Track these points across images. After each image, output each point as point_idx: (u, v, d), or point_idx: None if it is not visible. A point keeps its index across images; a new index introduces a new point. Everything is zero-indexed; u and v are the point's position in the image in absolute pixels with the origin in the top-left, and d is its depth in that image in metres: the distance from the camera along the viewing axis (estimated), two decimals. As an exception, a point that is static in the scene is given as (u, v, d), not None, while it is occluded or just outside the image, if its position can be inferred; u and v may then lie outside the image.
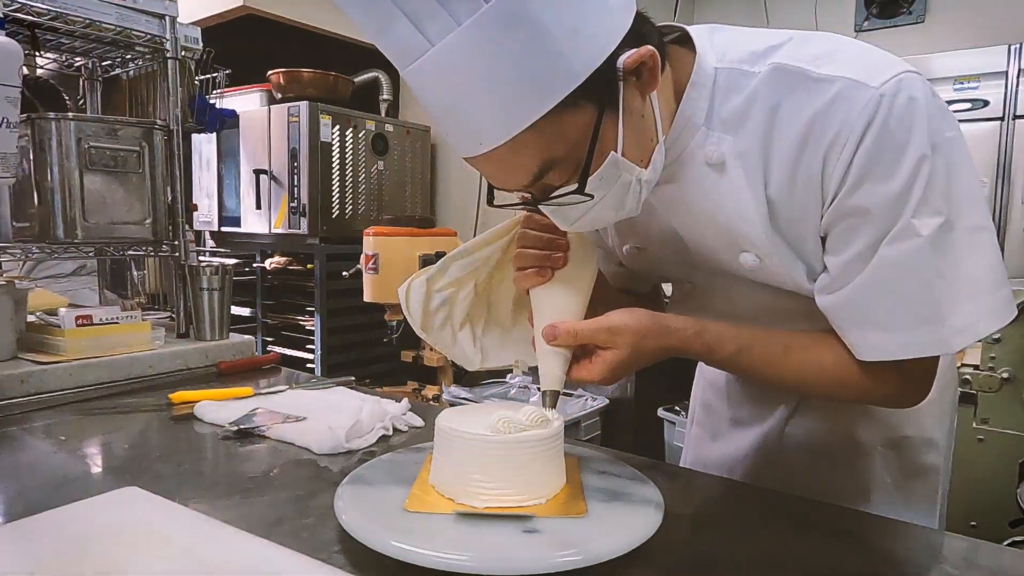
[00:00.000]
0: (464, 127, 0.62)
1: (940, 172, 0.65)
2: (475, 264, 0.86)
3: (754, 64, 0.70)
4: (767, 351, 0.76)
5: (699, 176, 0.74)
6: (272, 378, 1.39)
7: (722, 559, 0.68)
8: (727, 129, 0.72)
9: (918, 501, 0.90)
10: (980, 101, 2.82)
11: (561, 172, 0.65)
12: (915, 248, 0.66)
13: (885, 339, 0.69)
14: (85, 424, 1.08)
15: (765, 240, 0.72)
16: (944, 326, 0.67)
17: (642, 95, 0.66)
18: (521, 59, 0.57)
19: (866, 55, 0.69)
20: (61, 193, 1.35)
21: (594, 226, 0.74)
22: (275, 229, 3.19)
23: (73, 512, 0.69)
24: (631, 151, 0.66)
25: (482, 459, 0.68)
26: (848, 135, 0.65)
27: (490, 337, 0.92)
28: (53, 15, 1.34)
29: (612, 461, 0.82)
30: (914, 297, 0.67)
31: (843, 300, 0.71)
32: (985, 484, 1.94)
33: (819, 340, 0.75)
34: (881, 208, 0.66)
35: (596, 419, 2.69)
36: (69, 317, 1.30)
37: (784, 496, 0.84)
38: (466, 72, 0.58)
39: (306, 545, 0.65)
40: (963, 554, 0.71)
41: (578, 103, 0.60)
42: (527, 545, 0.61)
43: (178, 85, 1.50)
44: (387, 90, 3.64)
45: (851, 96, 0.65)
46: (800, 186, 0.69)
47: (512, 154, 0.62)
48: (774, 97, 0.69)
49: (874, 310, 0.69)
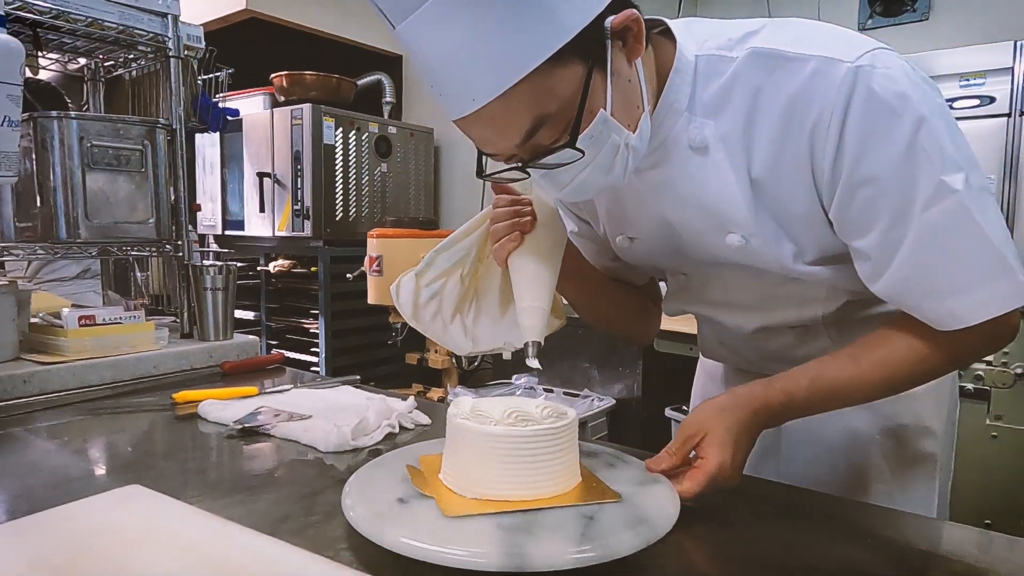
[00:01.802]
0: (458, 83, 0.63)
1: (942, 131, 0.65)
2: (459, 254, 0.90)
3: (732, 50, 0.72)
4: (840, 368, 0.74)
5: (684, 160, 0.75)
6: (277, 378, 1.37)
7: (736, 553, 0.66)
8: (708, 113, 0.73)
9: (915, 489, 0.90)
10: (986, 98, 2.80)
11: (552, 130, 0.66)
12: (956, 204, 0.65)
13: (963, 302, 0.67)
14: (88, 424, 1.07)
15: (750, 220, 0.73)
16: (1018, 275, 0.66)
17: (628, 60, 0.68)
18: (512, 13, 0.59)
19: (840, 35, 0.70)
20: (64, 192, 1.35)
21: (583, 193, 0.74)
22: (279, 232, 3.18)
23: (76, 510, 0.67)
24: (619, 113, 0.67)
25: (495, 453, 0.66)
26: (832, 110, 0.66)
27: (481, 327, 0.95)
28: (55, 13, 1.33)
29: (617, 455, 0.81)
30: (975, 253, 0.66)
31: (900, 278, 0.69)
32: (999, 482, 1.92)
33: (881, 335, 0.74)
34: (889, 172, 0.66)
35: (603, 419, 2.67)
36: (72, 317, 1.29)
37: (789, 489, 0.83)
38: (459, 26, 0.60)
39: (312, 543, 0.64)
40: (977, 545, 0.70)
41: (568, 59, 0.62)
42: (540, 541, 0.59)
43: (180, 84, 1.50)
44: (390, 92, 3.63)
45: (827, 72, 0.66)
46: (787, 165, 0.71)
47: (504, 110, 0.63)
48: (754, 80, 0.70)
49: (940, 276, 0.68)
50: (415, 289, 0.91)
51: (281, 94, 3.19)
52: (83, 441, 0.99)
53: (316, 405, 1.09)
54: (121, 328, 1.35)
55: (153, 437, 1.03)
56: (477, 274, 0.94)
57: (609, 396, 2.73)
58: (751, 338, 0.91)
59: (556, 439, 0.67)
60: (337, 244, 3.12)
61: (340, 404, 1.10)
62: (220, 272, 1.48)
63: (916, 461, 0.90)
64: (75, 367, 1.25)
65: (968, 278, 0.67)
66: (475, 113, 0.64)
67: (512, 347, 0.92)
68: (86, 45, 1.56)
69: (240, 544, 0.61)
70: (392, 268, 2.31)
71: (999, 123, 2.77)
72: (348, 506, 0.66)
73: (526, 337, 0.78)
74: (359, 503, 0.66)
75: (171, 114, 1.50)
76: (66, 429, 1.04)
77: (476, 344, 0.94)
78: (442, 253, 0.90)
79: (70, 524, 0.64)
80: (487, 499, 0.66)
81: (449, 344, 0.94)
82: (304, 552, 0.59)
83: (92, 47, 1.59)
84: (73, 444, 0.97)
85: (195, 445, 0.98)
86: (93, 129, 1.37)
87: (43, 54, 1.60)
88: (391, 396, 1.16)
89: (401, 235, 2.35)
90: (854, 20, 3.50)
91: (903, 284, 0.70)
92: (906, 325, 0.72)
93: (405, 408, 1.05)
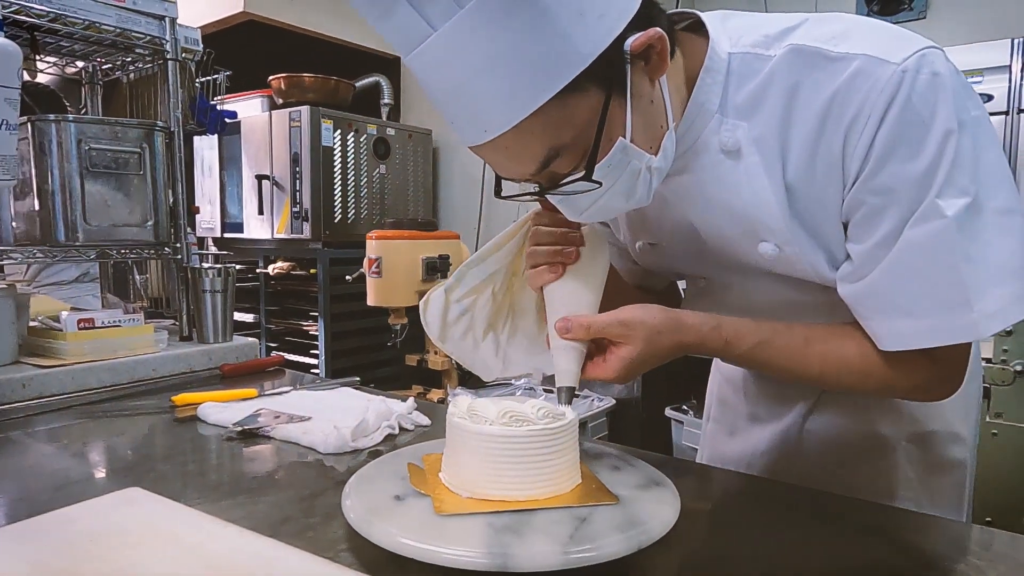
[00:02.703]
0: (469, 114, 0.61)
1: (966, 150, 0.62)
2: (490, 268, 0.85)
3: (769, 47, 0.68)
4: (787, 344, 0.73)
5: (714, 164, 0.72)
6: (276, 380, 1.37)
7: (743, 553, 0.66)
8: (742, 115, 0.70)
9: (944, 497, 0.87)
10: (984, 96, 2.80)
11: (568, 159, 0.63)
12: (940, 229, 0.63)
13: (911, 326, 0.66)
14: (87, 427, 1.07)
15: (784, 228, 0.70)
16: (973, 311, 0.64)
17: (651, 80, 0.65)
18: (525, 42, 0.56)
19: (885, 31, 0.67)
20: (62, 196, 1.35)
21: (604, 216, 0.72)
22: (278, 234, 3.18)
23: (76, 513, 0.67)
24: (640, 137, 0.65)
25: (489, 453, 0.66)
26: (870, 112, 0.63)
27: (515, 345, 0.89)
28: (52, 16, 1.33)
29: (623, 457, 0.80)
30: (940, 281, 0.64)
31: (866, 288, 0.68)
32: (1000, 479, 1.92)
33: (841, 332, 0.73)
34: (906, 188, 0.63)
35: (603, 419, 2.67)
36: (71, 320, 1.29)
37: (803, 490, 0.82)
38: (469, 56, 0.57)
39: (312, 544, 0.64)
40: (992, 546, 0.69)
41: (584, 87, 0.59)
42: (535, 541, 0.59)
43: (178, 86, 1.49)
44: (388, 94, 3.64)
45: (872, 72, 0.63)
46: (820, 168, 0.67)
47: (518, 141, 0.61)
48: (791, 78, 0.67)
49: (898, 296, 0.66)
50: (444, 305, 0.85)
51: (279, 96, 3.19)
52: (83, 444, 0.99)
53: (316, 407, 1.09)
54: (120, 331, 1.35)
55: (153, 440, 1.03)
56: (512, 289, 0.87)
57: (609, 396, 2.73)
58: None
59: (552, 440, 0.67)
60: (336, 246, 3.12)
61: (340, 406, 1.10)
62: (219, 274, 1.48)
63: (945, 468, 0.87)
64: (74, 370, 1.25)
65: (922, 303, 0.65)
66: (488, 143, 0.62)
67: (541, 373, 0.87)
68: (84, 48, 1.56)
69: (240, 546, 0.61)
70: (391, 269, 2.30)
71: (997, 121, 2.78)
72: (348, 507, 0.66)
73: (560, 382, 0.73)
74: (358, 502, 0.66)
75: (169, 117, 1.50)
76: (66, 432, 1.04)
77: (507, 366, 0.88)
78: (472, 268, 0.84)
79: (70, 527, 0.64)
80: (483, 499, 0.66)
81: (478, 366, 0.88)
82: (304, 554, 0.59)
83: (90, 50, 1.59)
84: (73, 447, 0.97)
85: (195, 448, 0.98)
86: (91, 132, 1.37)
87: (41, 57, 1.60)
88: (391, 397, 1.15)
89: (400, 236, 2.35)
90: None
91: (867, 295, 0.68)
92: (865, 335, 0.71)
93: (405, 409, 1.05)
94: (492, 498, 0.66)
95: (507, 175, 0.68)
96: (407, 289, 2.28)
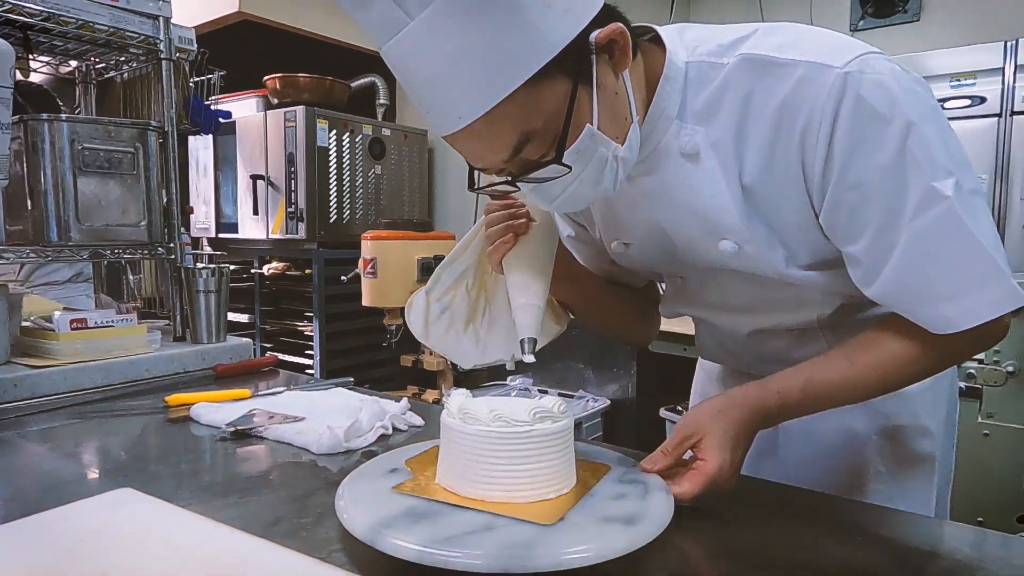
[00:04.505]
0: (444, 101, 0.63)
1: (933, 136, 0.66)
2: (461, 267, 0.93)
3: (723, 56, 0.72)
4: (833, 369, 0.75)
5: (676, 167, 0.75)
6: (270, 380, 1.37)
7: (732, 551, 0.66)
8: (699, 120, 0.73)
9: (913, 490, 0.90)
10: (977, 98, 2.82)
11: (539, 145, 0.66)
12: (946, 210, 0.65)
13: (956, 307, 0.67)
14: (80, 428, 1.07)
15: (742, 227, 0.73)
16: (1011, 277, 0.66)
17: (615, 73, 0.68)
18: (497, 32, 0.59)
19: (829, 39, 0.70)
20: (55, 195, 1.34)
21: (574, 205, 0.75)
22: (273, 235, 3.17)
23: (67, 513, 0.67)
24: (607, 126, 0.68)
25: (482, 452, 0.66)
26: (820, 116, 0.66)
27: (494, 334, 0.95)
28: (45, 15, 1.32)
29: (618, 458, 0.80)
30: (967, 257, 0.67)
31: (894, 283, 0.69)
32: (991, 480, 1.92)
33: (875, 336, 0.75)
34: (875, 180, 0.66)
35: (598, 420, 2.67)
36: (64, 321, 1.29)
37: (786, 488, 0.83)
38: (445, 45, 0.60)
39: (304, 544, 0.64)
40: (983, 546, 0.70)
41: (553, 75, 0.62)
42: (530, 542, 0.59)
43: (172, 86, 1.49)
44: (384, 94, 3.63)
45: (815, 79, 0.66)
46: (778, 170, 0.71)
47: (491, 127, 0.63)
48: (744, 86, 0.70)
49: (931, 284, 0.68)
50: (426, 305, 0.94)
51: (274, 96, 3.18)
52: (75, 445, 0.99)
53: (309, 407, 1.09)
54: (113, 331, 1.34)
55: (145, 440, 1.03)
56: (485, 285, 0.95)
57: (604, 397, 2.74)
58: (747, 340, 0.92)
59: (547, 441, 0.67)
60: (331, 246, 3.11)
61: (333, 406, 1.09)
62: (213, 275, 1.48)
63: (914, 461, 0.90)
64: (67, 370, 1.24)
65: (960, 284, 0.67)
66: (462, 130, 0.64)
67: (515, 357, 0.92)
68: (77, 47, 1.56)
69: (232, 546, 0.61)
70: (387, 270, 2.30)
71: (990, 123, 2.79)
72: (341, 507, 0.66)
73: (521, 334, 0.78)
74: (352, 504, 0.66)
75: (163, 116, 1.49)
76: (58, 433, 1.04)
77: (485, 354, 0.95)
78: (447, 268, 0.93)
79: (62, 527, 0.64)
80: (477, 499, 0.66)
81: (459, 356, 0.96)
82: (296, 554, 0.59)
83: (83, 49, 1.58)
84: (65, 448, 0.97)
85: (188, 448, 0.97)
86: (84, 132, 1.37)
87: (34, 57, 1.60)
88: (385, 398, 1.15)
89: (395, 237, 2.34)
90: (846, 21, 3.52)
91: (897, 289, 0.70)
92: (899, 326, 0.73)
93: (398, 410, 1.05)
94: (486, 499, 0.66)
95: (480, 164, 0.70)
96: (402, 290, 2.28)
